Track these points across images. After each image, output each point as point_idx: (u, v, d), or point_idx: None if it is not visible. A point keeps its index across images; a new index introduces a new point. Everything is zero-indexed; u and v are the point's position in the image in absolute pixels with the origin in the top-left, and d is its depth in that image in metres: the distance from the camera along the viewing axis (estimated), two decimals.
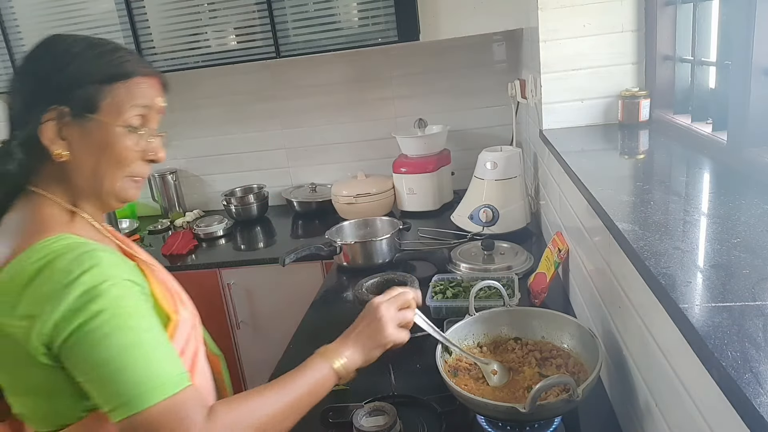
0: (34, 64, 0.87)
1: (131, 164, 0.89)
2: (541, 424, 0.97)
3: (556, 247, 1.45)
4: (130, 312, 0.77)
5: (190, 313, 0.96)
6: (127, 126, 0.86)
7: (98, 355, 0.74)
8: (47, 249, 0.77)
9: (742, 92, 1.08)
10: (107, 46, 0.89)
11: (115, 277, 0.78)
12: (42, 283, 0.75)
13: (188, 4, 2.20)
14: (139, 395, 0.73)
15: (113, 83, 0.85)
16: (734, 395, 0.49)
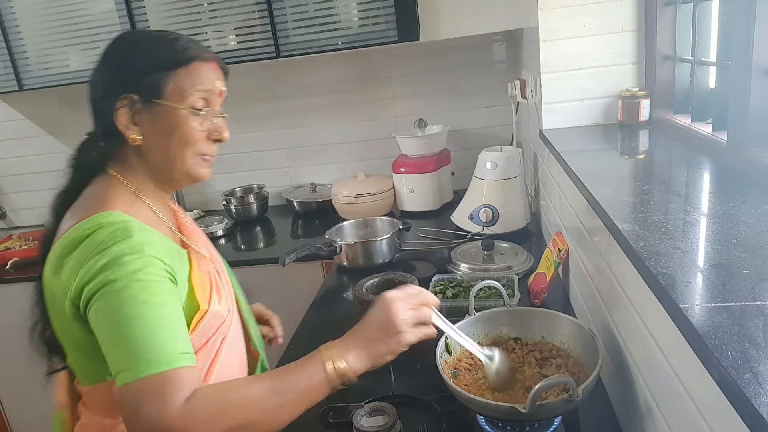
0: (107, 58, 0.96)
1: (197, 144, 0.96)
2: (541, 424, 0.97)
3: (556, 247, 1.45)
4: (144, 286, 0.81)
5: (224, 308, 0.99)
6: (190, 108, 0.94)
7: (107, 321, 0.80)
8: (96, 222, 0.86)
9: (742, 92, 1.08)
10: (169, 36, 0.97)
11: (140, 252, 0.83)
12: (82, 250, 0.84)
13: (188, 4, 2.20)
14: (132, 367, 0.77)
15: (176, 69, 0.93)
16: (734, 395, 0.49)
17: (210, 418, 0.77)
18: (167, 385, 0.77)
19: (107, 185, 0.96)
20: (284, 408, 0.83)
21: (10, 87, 2.40)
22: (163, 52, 0.94)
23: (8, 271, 2.36)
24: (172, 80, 0.93)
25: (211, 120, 0.97)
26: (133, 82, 0.93)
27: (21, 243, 2.58)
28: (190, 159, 0.96)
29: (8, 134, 2.85)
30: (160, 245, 0.88)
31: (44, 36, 2.31)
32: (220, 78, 0.99)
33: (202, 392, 0.79)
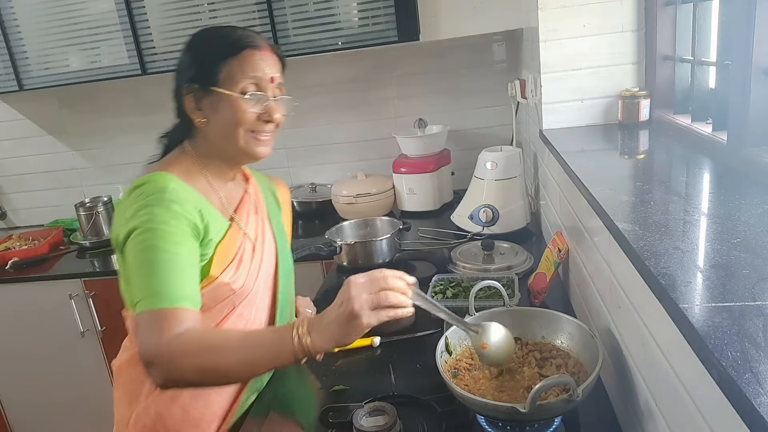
0: (181, 53, 1.12)
1: (248, 124, 1.08)
2: (541, 424, 0.97)
3: (556, 247, 1.45)
4: (163, 235, 0.96)
5: (240, 282, 1.11)
6: (241, 93, 1.06)
7: (132, 259, 0.97)
8: (147, 178, 1.04)
9: (742, 92, 1.08)
10: (224, 29, 1.12)
11: (168, 206, 0.99)
12: (130, 197, 1.02)
13: (188, 4, 2.20)
14: (143, 300, 0.93)
15: (227, 59, 1.06)
16: (734, 395, 0.49)
17: (187, 354, 0.90)
18: (165, 320, 0.91)
19: (177, 155, 1.14)
20: (249, 364, 0.92)
21: (10, 87, 2.40)
22: (218, 44, 1.09)
23: (8, 271, 2.36)
24: (224, 69, 1.06)
25: (262, 102, 1.08)
26: (194, 72, 1.08)
27: (21, 243, 2.58)
28: (243, 137, 1.09)
29: (8, 134, 2.86)
30: (192, 206, 1.03)
31: (44, 36, 2.31)
32: (272, 65, 1.10)
33: (190, 333, 0.92)
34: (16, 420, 2.56)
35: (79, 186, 2.89)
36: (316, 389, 1.24)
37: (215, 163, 1.15)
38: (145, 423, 1.10)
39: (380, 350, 1.35)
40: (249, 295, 1.14)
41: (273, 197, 1.35)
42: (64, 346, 2.38)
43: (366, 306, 0.86)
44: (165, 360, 0.89)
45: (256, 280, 1.16)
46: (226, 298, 1.10)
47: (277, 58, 1.13)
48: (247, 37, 1.09)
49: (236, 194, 1.21)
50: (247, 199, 1.22)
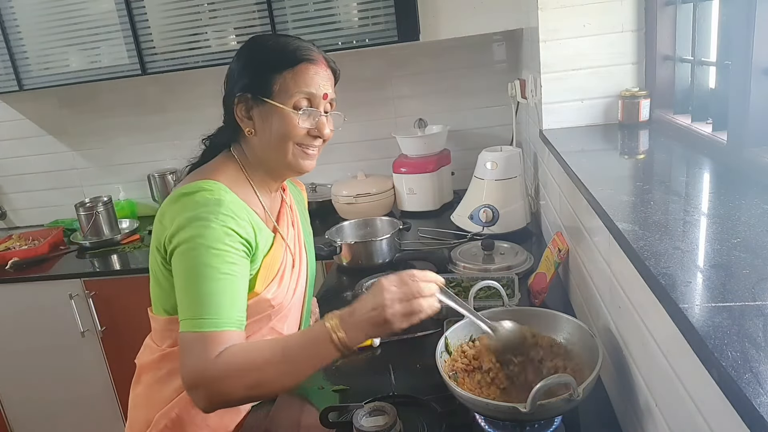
0: (235, 59, 1.10)
1: (297, 138, 1.07)
2: (542, 424, 0.97)
3: (556, 247, 1.45)
4: (219, 254, 0.95)
5: (279, 297, 1.11)
6: (293, 107, 1.05)
7: (183, 273, 0.96)
8: (199, 186, 1.02)
9: (742, 92, 1.08)
10: (281, 38, 1.10)
11: (224, 222, 0.97)
12: (182, 204, 1.00)
13: (188, 4, 2.20)
14: (192, 319, 0.92)
15: (282, 72, 1.05)
16: (734, 395, 0.49)
17: (230, 376, 0.90)
18: (210, 343, 0.91)
19: (223, 161, 1.12)
20: (293, 371, 0.93)
21: (10, 87, 2.40)
22: (274, 56, 1.06)
23: (8, 271, 2.36)
24: (279, 81, 1.05)
25: (314, 118, 1.08)
26: (248, 81, 1.06)
27: (21, 243, 2.58)
28: (291, 151, 1.08)
29: (8, 134, 2.85)
30: (246, 221, 1.02)
31: (44, 36, 2.31)
32: (327, 80, 1.09)
33: (230, 350, 0.92)
34: (16, 420, 2.56)
35: (79, 186, 2.89)
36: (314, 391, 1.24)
37: (260, 174, 1.14)
38: (165, 424, 1.10)
39: (380, 350, 1.35)
40: (284, 310, 1.15)
41: (302, 204, 1.36)
42: (64, 346, 2.38)
43: (399, 314, 0.91)
44: (210, 384, 0.89)
45: (294, 295, 1.16)
46: (265, 313, 1.10)
47: (332, 73, 1.12)
48: (304, 50, 1.07)
49: (276, 203, 1.21)
50: (285, 210, 1.22)
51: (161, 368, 1.13)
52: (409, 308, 0.91)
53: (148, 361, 1.16)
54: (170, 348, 1.12)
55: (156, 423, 1.12)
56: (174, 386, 1.11)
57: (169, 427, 1.10)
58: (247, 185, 1.12)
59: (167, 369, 1.12)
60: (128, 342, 1.20)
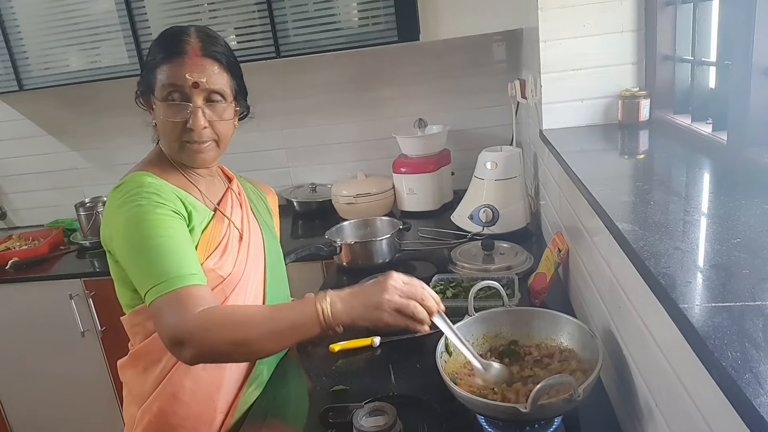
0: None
1: (175, 133, 1.07)
2: (542, 425, 0.97)
3: (556, 247, 1.45)
4: (152, 223, 0.98)
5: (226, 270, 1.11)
6: (165, 101, 1.05)
7: (127, 254, 0.98)
8: (125, 179, 1.06)
9: (742, 92, 1.08)
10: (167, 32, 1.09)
11: (149, 198, 1.00)
12: (110, 198, 1.04)
13: (188, 4, 2.20)
14: (153, 288, 0.93)
15: (160, 66, 1.05)
16: (734, 395, 0.49)
17: (217, 326, 0.92)
18: (183, 299, 0.93)
19: (152, 155, 1.16)
20: (276, 334, 0.94)
21: (10, 87, 2.40)
22: (154, 50, 1.08)
23: (8, 271, 2.36)
24: (156, 76, 1.06)
25: (184, 110, 1.05)
26: (141, 77, 1.11)
27: (21, 243, 2.58)
28: (175, 147, 1.09)
29: (8, 134, 2.85)
30: (171, 196, 1.05)
31: (44, 36, 2.31)
32: (199, 70, 1.05)
33: (217, 308, 0.95)
34: (16, 420, 2.56)
35: (79, 186, 2.89)
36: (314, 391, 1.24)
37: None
38: (149, 419, 1.11)
39: (380, 350, 1.35)
40: (239, 284, 1.14)
41: (263, 203, 1.36)
42: (64, 346, 2.38)
43: (393, 306, 0.93)
44: (196, 335, 0.90)
45: (245, 269, 1.16)
46: (216, 286, 1.09)
47: (213, 62, 1.07)
48: (179, 42, 1.05)
49: (218, 190, 1.22)
50: (230, 194, 1.23)
51: (137, 365, 1.14)
52: (405, 306, 0.93)
53: (125, 361, 1.17)
54: (141, 343, 1.13)
55: (140, 420, 1.12)
56: (151, 380, 1.12)
57: (152, 421, 1.11)
58: (177, 172, 1.13)
59: (143, 364, 1.13)
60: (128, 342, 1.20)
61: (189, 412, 1.12)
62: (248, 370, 1.20)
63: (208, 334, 0.91)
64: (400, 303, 0.93)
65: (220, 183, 1.24)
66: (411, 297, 0.94)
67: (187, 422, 1.12)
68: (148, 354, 1.12)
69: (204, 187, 1.17)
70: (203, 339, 0.90)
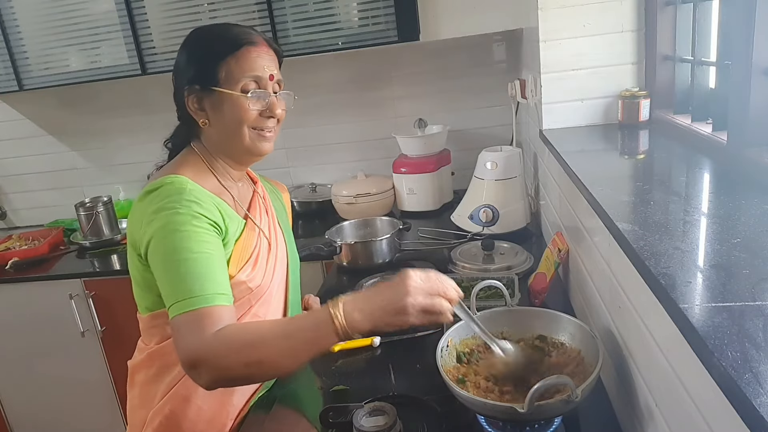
0: (179, 54, 1.11)
1: (251, 121, 1.09)
2: (541, 425, 0.97)
3: (556, 247, 1.45)
4: (189, 236, 0.97)
5: (256, 281, 1.11)
6: (241, 91, 1.07)
7: (160, 263, 0.98)
8: (161, 181, 1.04)
9: (742, 92, 1.08)
10: (220, 27, 1.12)
11: (188, 207, 0.99)
12: (147, 200, 1.02)
13: (188, 4, 2.20)
14: (178, 303, 0.93)
15: (226, 58, 1.06)
16: (734, 395, 0.49)
17: (232, 351, 0.90)
18: (203, 319, 0.92)
19: (185, 156, 1.14)
20: (293, 351, 0.92)
21: (10, 87, 2.40)
22: (216, 43, 1.08)
23: (8, 271, 2.36)
24: (224, 68, 1.06)
25: (263, 99, 1.09)
26: (194, 73, 1.08)
27: (21, 243, 2.58)
28: (247, 135, 1.10)
29: (8, 134, 2.85)
30: (210, 206, 1.04)
31: (44, 36, 2.31)
32: (271, 62, 1.11)
33: (229, 329, 0.93)
34: (16, 420, 2.56)
35: (79, 186, 2.89)
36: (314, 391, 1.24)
37: (222, 164, 1.16)
38: (160, 421, 1.11)
39: (380, 350, 1.35)
40: (265, 294, 1.16)
41: (280, 203, 1.37)
42: (64, 346, 2.38)
43: (418, 307, 0.89)
44: (211, 360, 0.89)
45: (272, 279, 1.17)
46: (243, 297, 1.11)
47: (275, 54, 1.13)
48: (244, 34, 1.09)
49: (247, 194, 1.23)
50: (257, 198, 1.24)
51: (151, 366, 1.14)
52: (431, 304, 0.90)
53: (138, 361, 1.17)
54: (157, 345, 1.12)
55: (150, 420, 1.12)
56: (165, 382, 1.11)
57: (163, 423, 1.11)
58: (211, 176, 1.13)
59: (157, 366, 1.13)
60: (128, 342, 1.20)
61: (200, 417, 1.11)
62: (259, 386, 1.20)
63: (223, 360, 0.89)
64: (425, 304, 0.89)
65: (248, 187, 1.25)
66: (434, 294, 0.91)
67: (197, 426, 1.11)
68: (164, 357, 1.11)
69: (236, 193, 1.18)
70: (218, 363, 0.89)
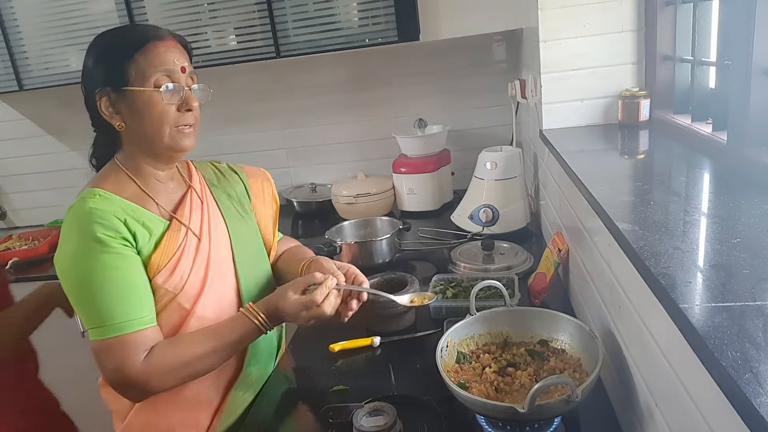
0: (84, 61, 1.08)
1: (170, 117, 1.05)
2: (541, 425, 0.97)
3: (556, 247, 1.45)
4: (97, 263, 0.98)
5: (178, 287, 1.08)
6: (154, 88, 1.03)
7: (70, 289, 1.01)
8: (79, 199, 1.04)
9: (742, 92, 1.08)
10: (123, 28, 1.11)
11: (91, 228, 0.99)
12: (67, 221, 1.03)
13: (188, 4, 2.20)
14: (94, 329, 0.98)
15: (133, 56, 1.03)
16: (734, 395, 0.49)
17: (165, 373, 1.00)
18: (124, 348, 0.97)
19: (108, 168, 1.12)
20: (222, 356, 1.06)
21: (10, 87, 2.39)
22: (121, 42, 1.05)
23: (8, 271, 2.35)
24: (133, 67, 1.03)
25: (179, 93, 1.05)
26: (103, 75, 1.04)
27: (21, 243, 2.58)
28: (167, 132, 1.06)
29: (8, 134, 2.85)
30: (116, 222, 1.01)
31: (44, 36, 2.31)
32: (179, 55, 1.07)
33: (157, 353, 1.00)
34: None
35: (79, 186, 2.83)
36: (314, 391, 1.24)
37: (144, 167, 1.11)
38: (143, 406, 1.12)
39: (380, 350, 1.35)
40: (204, 293, 1.10)
41: (242, 186, 1.34)
42: (64, 346, 2.38)
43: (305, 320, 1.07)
44: (142, 384, 0.98)
45: (205, 276, 1.12)
46: (171, 301, 1.07)
47: (184, 48, 1.10)
48: (150, 31, 1.06)
49: (176, 194, 1.16)
50: (189, 195, 1.17)
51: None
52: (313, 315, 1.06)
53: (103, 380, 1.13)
54: None
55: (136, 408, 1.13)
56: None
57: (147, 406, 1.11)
58: (131, 184, 1.09)
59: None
60: None
61: (170, 422, 1.12)
62: (235, 373, 1.18)
63: (156, 383, 1.00)
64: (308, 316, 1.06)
65: (179, 186, 1.19)
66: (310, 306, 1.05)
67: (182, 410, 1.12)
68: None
69: (163, 196, 1.13)
70: (152, 387, 0.99)
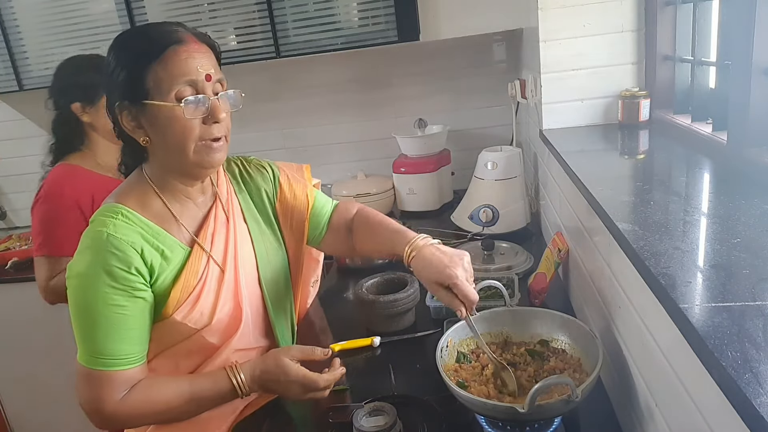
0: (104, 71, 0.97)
1: (195, 131, 0.94)
2: (541, 425, 0.97)
3: (556, 247, 1.45)
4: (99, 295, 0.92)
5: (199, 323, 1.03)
6: (177, 100, 0.92)
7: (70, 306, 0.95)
8: (100, 212, 0.97)
9: (742, 92, 1.08)
10: (140, 29, 0.97)
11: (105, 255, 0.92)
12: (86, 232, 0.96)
13: (188, 4, 2.20)
14: (81, 351, 0.95)
15: (150, 65, 0.91)
16: (734, 395, 0.49)
17: (136, 416, 0.97)
18: (105, 384, 0.94)
19: (133, 180, 1.03)
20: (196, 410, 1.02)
21: (10, 87, 2.40)
22: (137, 50, 0.93)
23: (8, 271, 2.36)
24: (151, 77, 0.91)
25: (203, 104, 0.93)
26: (120, 87, 0.93)
27: (21, 243, 2.58)
28: (191, 149, 0.95)
29: (8, 134, 2.85)
30: (132, 252, 0.94)
31: (44, 36, 2.31)
32: (204, 60, 0.94)
33: (134, 396, 0.96)
34: (16, 420, 2.56)
35: None
36: None
37: (171, 183, 1.02)
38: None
39: (380, 350, 1.35)
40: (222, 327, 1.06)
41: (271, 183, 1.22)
42: (65, 346, 2.38)
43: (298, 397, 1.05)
44: (112, 420, 0.97)
45: (230, 310, 1.07)
46: (193, 336, 1.03)
47: (210, 49, 0.97)
48: (167, 33, 0.92)
49: (201, 211, 1.07)
50: (213, 212, 1.08)
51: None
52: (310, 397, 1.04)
53: None
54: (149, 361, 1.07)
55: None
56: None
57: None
58: (157, 200, 1.01)
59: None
60: None
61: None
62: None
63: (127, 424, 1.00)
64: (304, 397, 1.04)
65: (207, 199, 1.09)
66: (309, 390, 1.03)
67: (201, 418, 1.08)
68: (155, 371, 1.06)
69: (186, 215, 1.04)
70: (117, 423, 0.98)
